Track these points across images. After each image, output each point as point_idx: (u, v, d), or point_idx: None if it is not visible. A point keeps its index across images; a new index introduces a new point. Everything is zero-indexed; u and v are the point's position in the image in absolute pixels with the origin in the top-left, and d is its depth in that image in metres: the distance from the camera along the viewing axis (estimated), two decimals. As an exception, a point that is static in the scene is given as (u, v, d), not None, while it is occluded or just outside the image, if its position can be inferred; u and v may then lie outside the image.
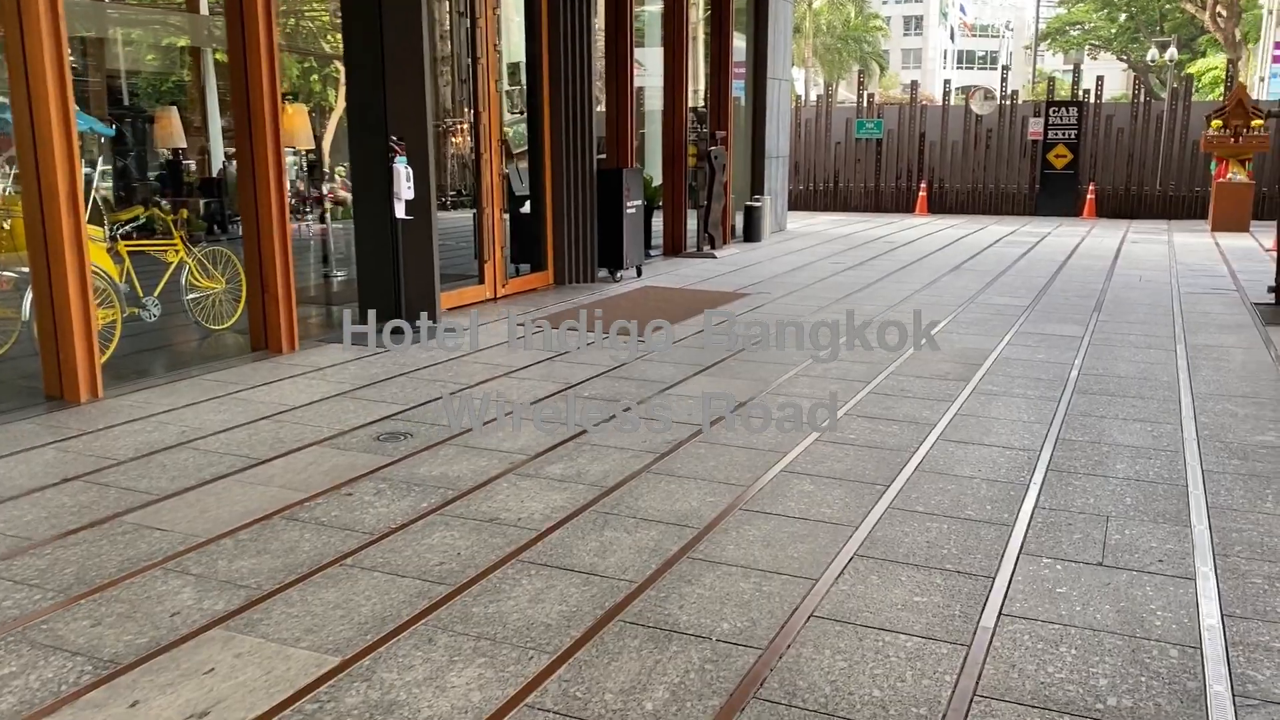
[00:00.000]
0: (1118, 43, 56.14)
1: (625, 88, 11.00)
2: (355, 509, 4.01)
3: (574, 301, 9.05)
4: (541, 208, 9.82)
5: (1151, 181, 19.27)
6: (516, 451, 4.72)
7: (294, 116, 11.25)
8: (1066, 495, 4.19)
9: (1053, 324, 8.05)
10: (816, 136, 21.28)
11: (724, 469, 4.49)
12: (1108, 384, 6.08)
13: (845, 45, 48.43)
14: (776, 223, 15.86)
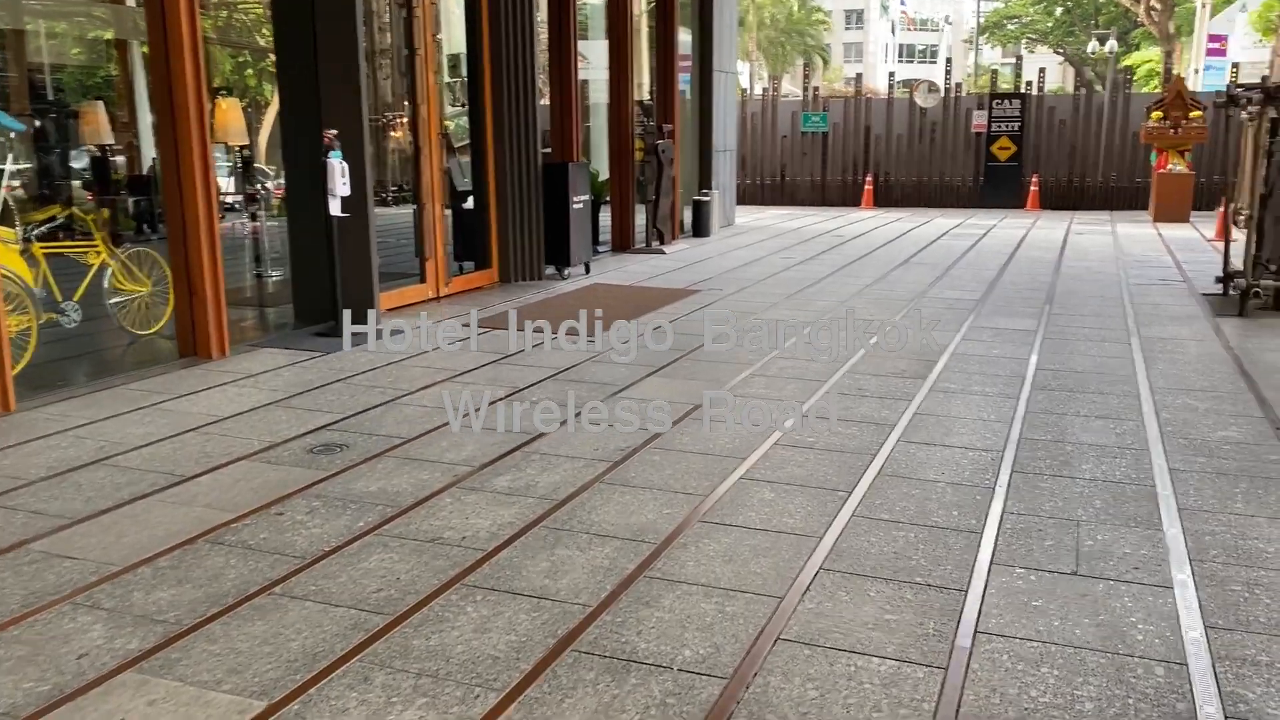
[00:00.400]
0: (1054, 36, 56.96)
1: (569, 80, 10.75)
2: (286, 530, 3.73)
3: (520, 300, 8.79)
4: (485, 204, 9.54)
5: (1093, 173, 19.45)
6: (461, 463, 4.47)
7: (227, 111, 10.83)
8: (1034, 498, 4.04)
9: (1006, 318, 7.96)
10: (763, 130, 21.18)
11: (681, 477, 4.28)
12: (1066, 379, 5.98)
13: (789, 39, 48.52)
14: (725, 217, 15.71)
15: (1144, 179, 18.91)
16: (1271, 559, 3.47)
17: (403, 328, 7.52)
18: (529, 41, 9.42)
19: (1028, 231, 15.17)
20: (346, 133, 7.21)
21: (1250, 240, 8.14)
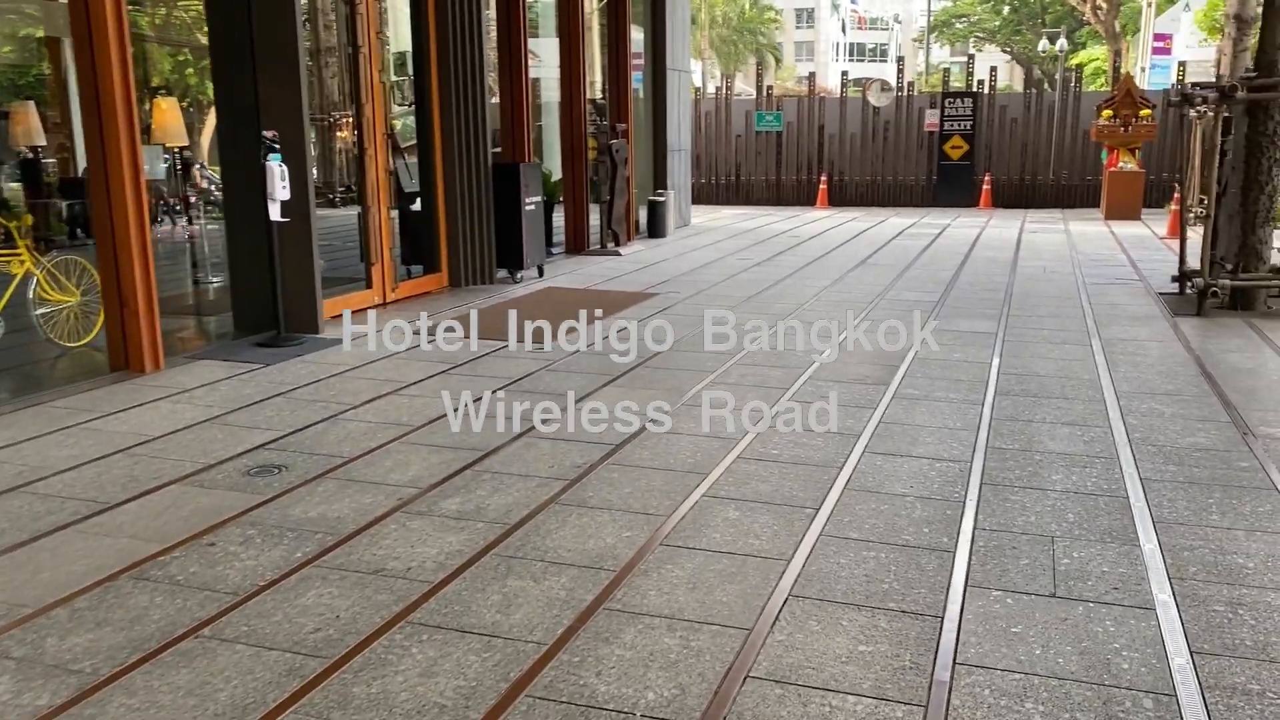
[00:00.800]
0: (1002, 34, 57.60)
1: (520, 78, 10.50)
2: (218, 563, 3.47)
3: (471, 305, 8.54)
4: (433, 205, 9.27)
5: (1045, 171, 19.56)
6: (407, 484, 4.23)
7: (166, 111, 10.45)
8: (1006, 513, 3.89)
9: (965, 320, 7.86)
10: (717, 129, 21.05)
11: (641, 496, 4.08)
12: (1029, 384, 5.87)
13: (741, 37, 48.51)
14: (681, 217, 15.54)
15: (1095, 177, 19.05)
16: (1252, 576, 3.34)
17: (348, 335, 7.24)
18: (477, 38, 9.16)
19: (982, 231, 15.17)
20: (287, 134, 6.92)
21: (1206, 239, 8.12)
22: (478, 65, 9.17)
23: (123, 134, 5.85)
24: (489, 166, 9.40)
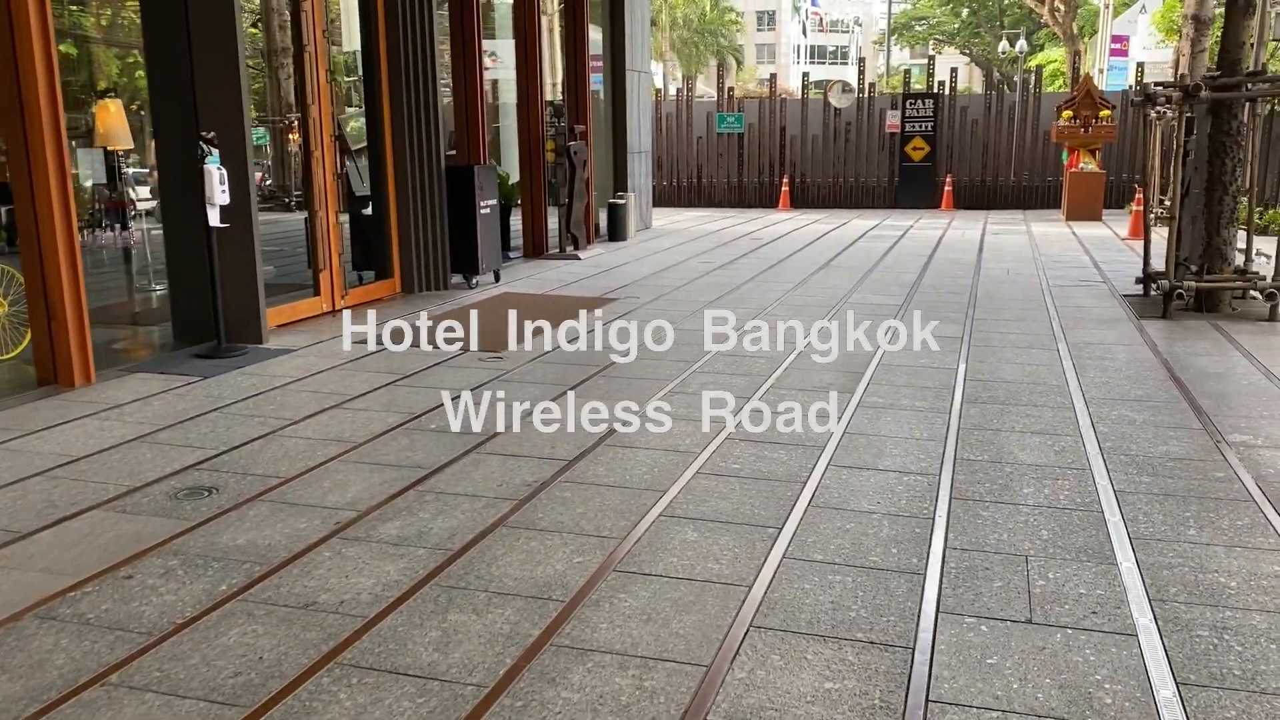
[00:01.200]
0: (961, 37, 58.05)
1: (475, 79, 10.25)
2: (134, 598, 3.20)
3: (423, 312, 8.27)
4: (385, 209, 8.99)
5: (1006, 172, 19.57)
6: (345, 506, 3.98)
7: (109, 114, 10.07)
8: (977, 530, 3.71)
9: (933, 320, 7.70)
10: (678, 131, 20.88)
11: (594, 516, 3.85)
12: (997, 391, 5.71)
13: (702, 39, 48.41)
14: (641, 220, 15.33)
15: (1055, 178, 19.09)
16: (1235, 596, 3.18)
17: (293, 345, 6.95)
18: (428, 38, 8.90)
19: (944, 232, 15.10)
20: (227, 135, 6.63)
21: (1172, 241, 8.03)
22: (429, 65, 8.91)
23: (48, 137, 5.53)
24: (442, 169, 9.13)
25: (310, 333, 7.47)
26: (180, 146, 6.68)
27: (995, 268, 10.96)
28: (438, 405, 5.43)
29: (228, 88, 6.68)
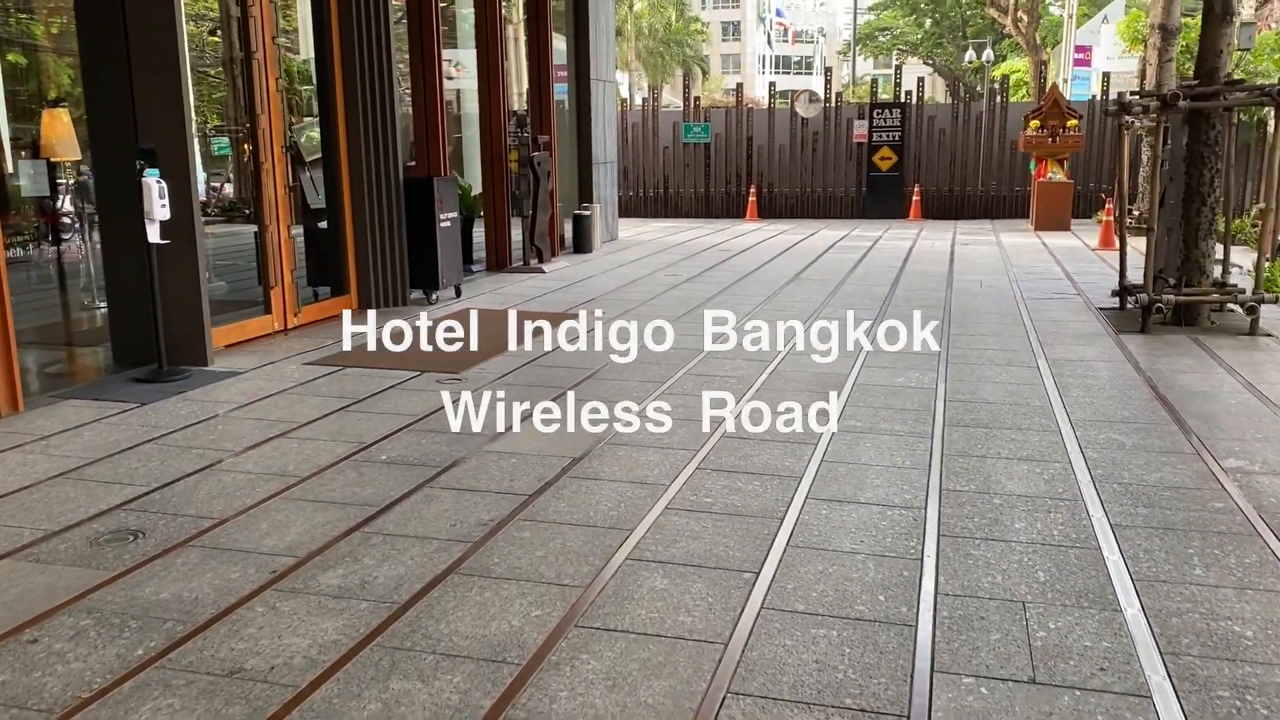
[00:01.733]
0: (924, 47, 58.39)
1: (434, 88, 9.92)
2: (38, 666, 2.86)
3: (381, 330, 7.92)
4: (340, 223, 8.64)
5: (974, 181, 19.49)
6: (283, 552, 3.64)
7: (54, 123, 9.64)
8: (969, 573, 3.44)
9: (906, 326, 7.47)
10: (644, 141, 20.63)
11: (555, 560, 3.54)
12: (978, 412, 5.46)
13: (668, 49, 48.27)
14: (608, 231, 15.04)
15: (1023, 187, 19.03)
16: (1253, 648, 2.93)
17: (240, 368, 6.59)
18: (385, 45, 8.57)
19: (914, 243, 14.94)
20: (168, 146, 6.27)
21: (1150, 253, 7.85)
22: (386, 74, 8.57)
23: (-33, 147, 5.15)
24: (400, 181, 8.80)
25: (260, 353, 7.10)
26: (118, 158, 6.31)
27: (968, 280, 10.77)
28: (390, 433, 5.10)
29: (168, 96, 6.32)
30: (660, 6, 46.79)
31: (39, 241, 8.78)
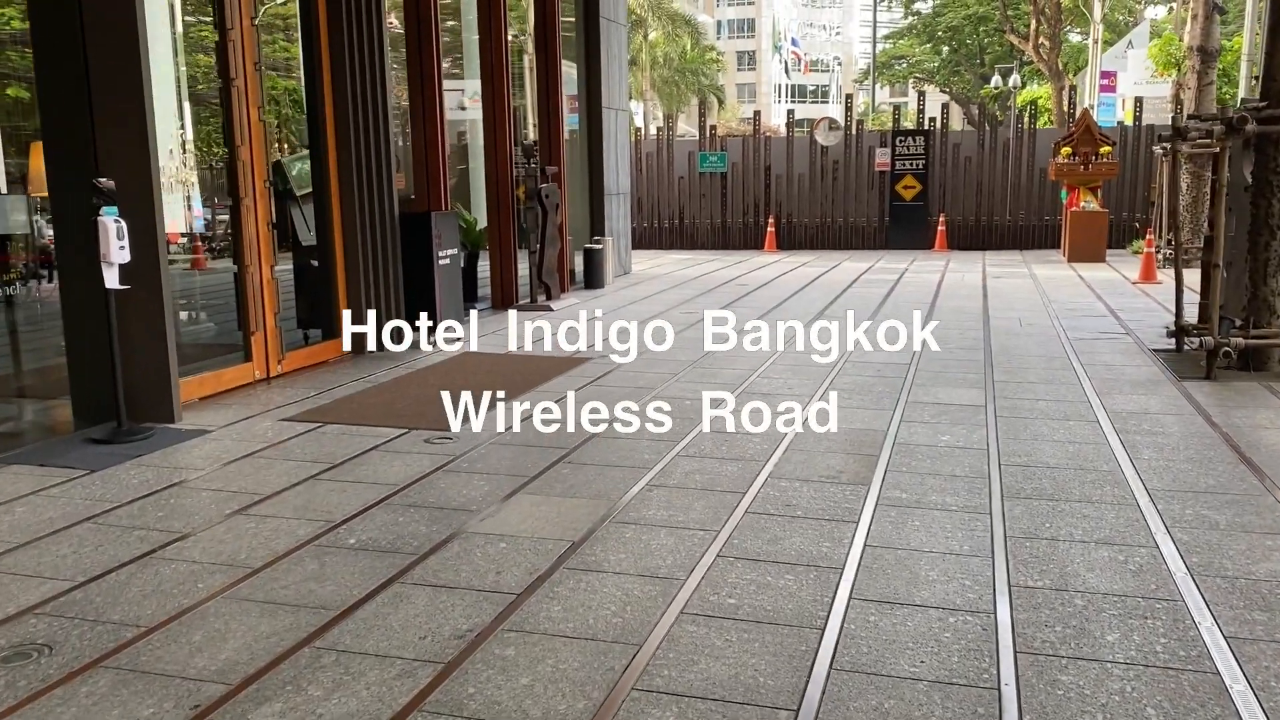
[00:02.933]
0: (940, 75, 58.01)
1: (435, 118, 9.35)
2: None
3: (370, 379, 7.29)
4: (330, 261, 8.04)
5: (1001, 211, 18.81)
6: (213, 676, 2.97)
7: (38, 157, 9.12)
8: (1061, 710, 2.74)
9: (946, 388, 6.78)
10: (659, 171, 20.07)
11: (545, 691, 2.86)
12: (1040, 480, 4.77)
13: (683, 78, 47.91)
14: (621, 265, 14.44)
15: (1053, 216, 18.36)
16: None
17: (211, 425, 5.96)
18: (380, 74, 8.00)
19: (943, 275, 14.25)
20: (130, 181, 5.68)
21: (1215, 292, 7.15)
22: (381, 104, 8.01)
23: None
24: (395, 215, 8.20)
25: (236, 406, 6.47)
26: (76, 195, 5.73)
27: (1005, 317, 10.06)
28: (364, 508, 4.44)
29: (131, 127, 5.74)
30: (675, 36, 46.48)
31: (14, 282, 8.22)
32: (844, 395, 6.59)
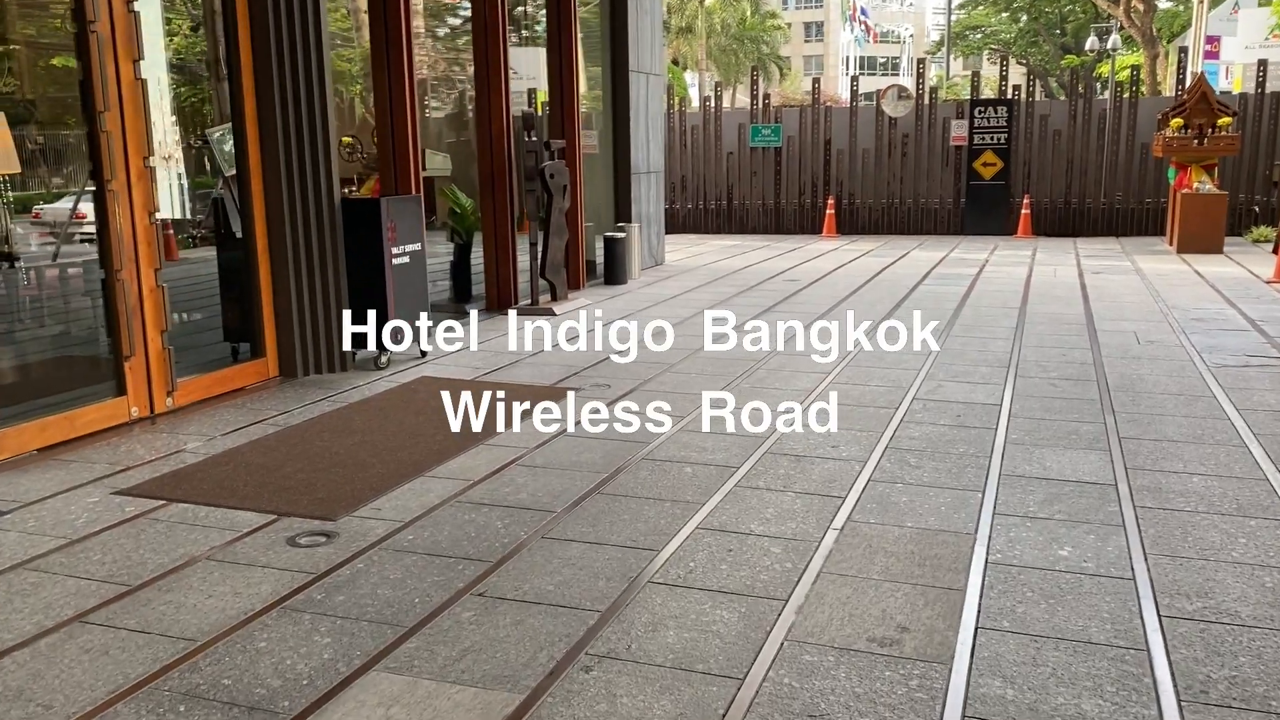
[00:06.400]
0: (1018, 46, 54.98)
1: (403, 84, 7.58)
2: None
3: (280, 419, 5.57)
4: (253, 261, 6.33)
5: (1095, 192, 16.52)
6: None
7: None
8: None
9: (1054, 450, 4.85)
10: (705, 146, 18.10)
11: None
12: (1227, 642, 2.86)
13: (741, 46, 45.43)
14: (651, 256, 12.57)
15: (1155, 199, 16.05)
16: None
17: (21, 497, 4.29)
18: (315, 29, 6.24)
19: (1030, 269, 12.14)
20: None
21: None
22: (315, 55, 6.25)
23: None
24: (335, 203, 6.45)
25: (76, 465, 4.79)
26: None
27: (1117, 330, 8.01)
28: (132, 686, 2.70)
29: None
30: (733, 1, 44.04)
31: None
32: (910, 459, 4.69)
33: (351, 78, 11.79)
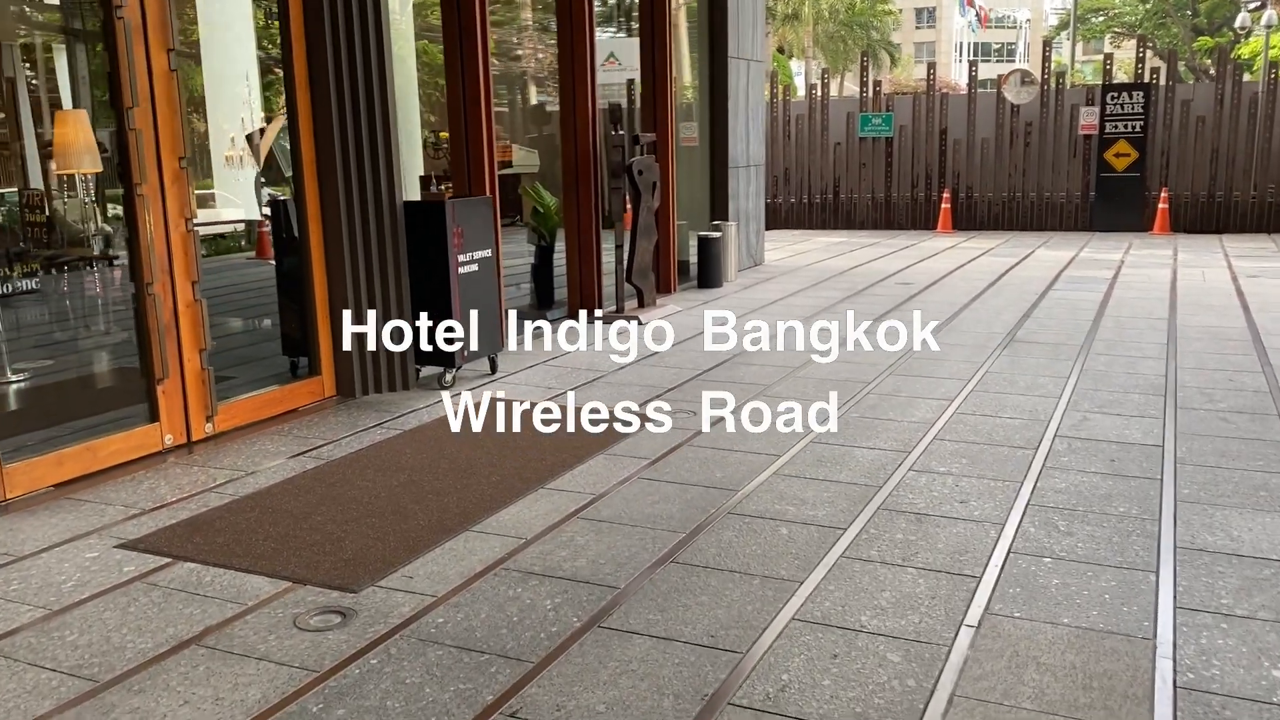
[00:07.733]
0: (1145, 27, 52.11)
1: (477, 79, 6.94)
2: None
3: (326, 451, 4.99)
4: (308, 270, 5.78)
5: (1243, 184, 15.01)
6: None
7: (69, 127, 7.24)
8: None
9: (1239, 513, 3.91)
10: (810, 137, 17.13)
11: None
12: None
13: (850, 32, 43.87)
14: (749, 256, 11.75)
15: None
16: None
17: (17, 551, 3.77)
18: (376, 22, 5.63)
19: (1173, 273, 10.92)
20: None
21: None
22: (376, 55, 5.65)
23: None
24: (398, 206, 5.84)
25: (90, 505, 4.27)
26: None
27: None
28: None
29: None
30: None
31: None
32: (1059, 521, 3.82)
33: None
